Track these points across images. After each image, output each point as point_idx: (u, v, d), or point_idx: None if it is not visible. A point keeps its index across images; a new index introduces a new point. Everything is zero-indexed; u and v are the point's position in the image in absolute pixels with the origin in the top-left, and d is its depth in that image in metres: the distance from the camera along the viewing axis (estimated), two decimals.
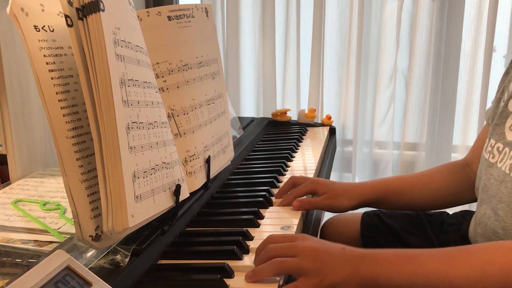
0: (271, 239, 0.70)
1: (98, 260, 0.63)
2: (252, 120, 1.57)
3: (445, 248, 0.64)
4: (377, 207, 0.99)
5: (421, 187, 0.98)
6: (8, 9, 0.57)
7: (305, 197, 0.92)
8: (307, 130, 1.51)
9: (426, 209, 1.03)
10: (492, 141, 0.80)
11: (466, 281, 0.59)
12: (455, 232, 0.98)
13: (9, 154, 0.95)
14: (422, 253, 0.64)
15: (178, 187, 0.71)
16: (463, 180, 0.96)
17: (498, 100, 0.85)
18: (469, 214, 1.02)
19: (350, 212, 0.97)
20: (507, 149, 0.75)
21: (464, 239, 0.91)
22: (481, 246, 0.65)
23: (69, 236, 0.70)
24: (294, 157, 1.24)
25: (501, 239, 0.74)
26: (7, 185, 0.92)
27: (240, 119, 1.46)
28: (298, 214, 0.86)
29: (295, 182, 0.94)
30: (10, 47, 0.92)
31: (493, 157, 0.78)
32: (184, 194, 0.73)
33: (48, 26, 0.60)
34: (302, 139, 1.42)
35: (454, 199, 0.98)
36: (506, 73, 0.86)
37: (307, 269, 0.63)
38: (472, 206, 1.68)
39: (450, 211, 1.08)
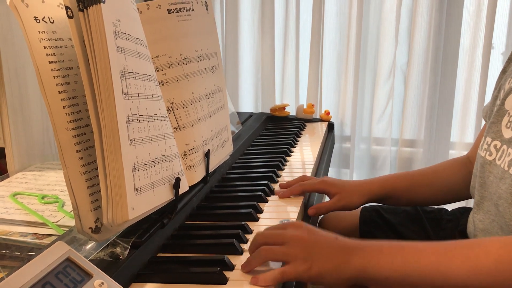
0: (265, 229, 0.70)
1: (97, 253, 0.63)
2: (250, 115, 1.57)
3: (441, 242, 0.64)
4: (385, 203, 1.01)
5: (427, 183, 0.99)
6: (8, 0, 0.56)
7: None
8: (305, 126, 1.51)
9: (432, 204, 1.05)
10: (488, 139, 0.80)
11: (459, 273, 0.59)
12: (453, 228, 0.99)
13: (7, 147, 0.95)
14: (416, 244, 0.64)
15: (177, 180, 0.70)
16: (466, 176, 0.96)
17: (494, 98, 0.85)
18: (466, 210, 1.03)
19: None
20: (505, 146, 0.75)
21: (462, 234, 0.92)
22: (477, 240, 0.65)
23: (67, 229, 0.70)
24: (292, 152, 1.24)
25: (502, 235, 0.75)
26: (5, 178, 0.92)
27: (239, 114, 1.46)
28: (297, 208, 0.87)
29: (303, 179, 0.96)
30: (8, 40, 0.91)
31: (490, 155, 0.78)
32: (183, 188, 0.73)
33: (49, 17, 0.60)
34: (301, 134, 1.42)
35: (457, 194, 0.99)
36: (503, 71, 0.87)
37: (294, 256, 0.62)
38: (469, 203, 1.69)
39: (449, 207, 1.09)
